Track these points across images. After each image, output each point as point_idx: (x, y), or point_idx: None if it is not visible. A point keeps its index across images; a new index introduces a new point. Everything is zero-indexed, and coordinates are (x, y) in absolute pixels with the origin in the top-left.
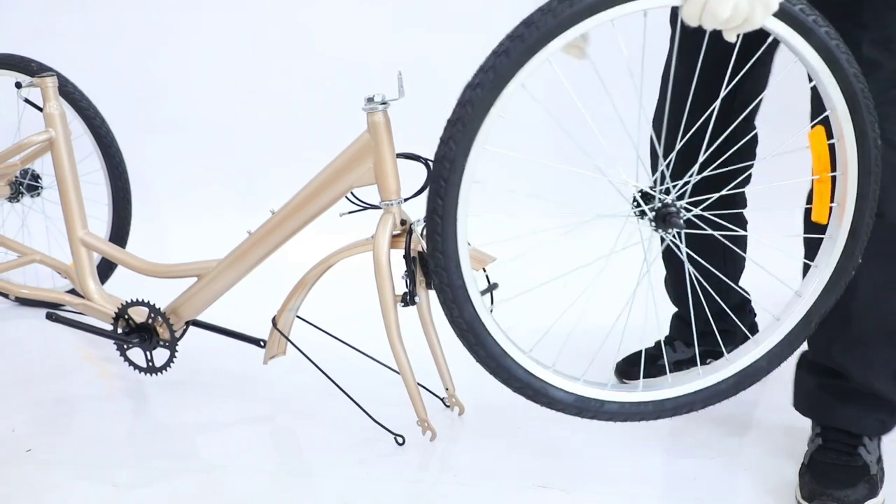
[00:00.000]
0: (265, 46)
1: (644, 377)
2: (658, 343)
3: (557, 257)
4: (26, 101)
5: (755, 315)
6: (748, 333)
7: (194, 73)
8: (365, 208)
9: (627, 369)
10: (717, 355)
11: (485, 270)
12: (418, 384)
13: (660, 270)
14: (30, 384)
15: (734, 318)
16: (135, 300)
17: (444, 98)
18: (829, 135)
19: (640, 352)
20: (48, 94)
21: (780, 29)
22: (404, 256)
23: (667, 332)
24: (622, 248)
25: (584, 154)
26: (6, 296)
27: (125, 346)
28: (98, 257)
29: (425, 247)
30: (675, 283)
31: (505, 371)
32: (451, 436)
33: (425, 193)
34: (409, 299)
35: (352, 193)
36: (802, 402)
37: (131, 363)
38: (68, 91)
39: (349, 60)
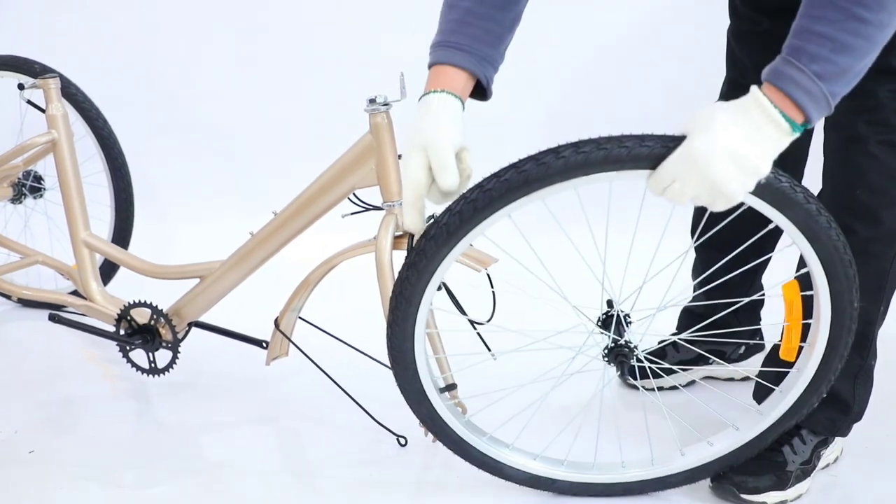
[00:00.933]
0: (268, 47)
1: (646, 377)
2: (660, 343)
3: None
4: (29, 102)
5: (760, 320)
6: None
7: (196, 75)
8: (367, 209)
9: (630, 369)
10: (719, 354)
11: (487, 273)
12: None
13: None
14: (32, 385)
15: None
16: (137, 301)
17: None
18: (805, 286)
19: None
20: (50, 95)
21: (758, 204)
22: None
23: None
24: (582, 366)
25: (548, 287)
26: (9, 297)
27: (128, 348)
28: (100, 258)
29: None
30: (702, 267)
31: (463, 451)
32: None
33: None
34: None
35: (354, 195)
36: (761, 392)
37: (134, 364)
38: (71, 92)
39: (351, 62)
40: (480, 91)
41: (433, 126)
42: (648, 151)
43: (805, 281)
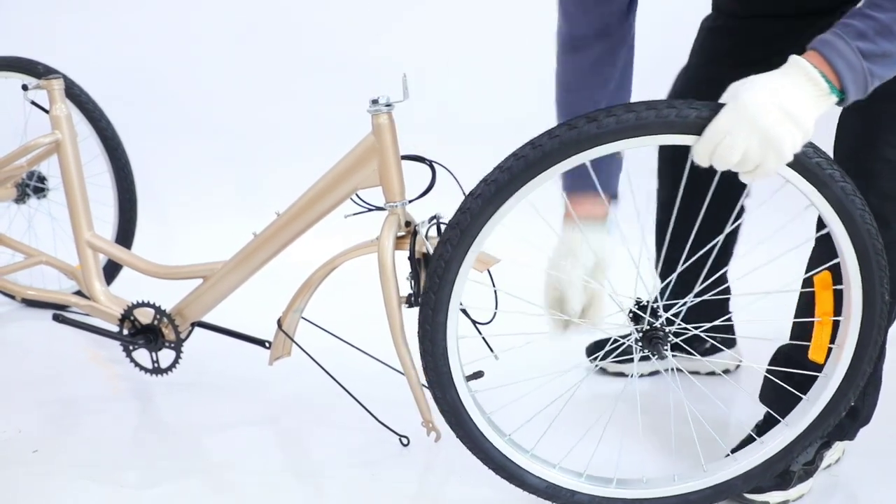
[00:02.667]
0: (270, 49)
1: (613, 361)
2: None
3: (549, 348)
4: (33, 103)
5: (729, 312)
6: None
7: (200, 76)
8: (370, 210)
9: (597, 351)
10: (684, 348)
11: (489, 272)
12: (422, 385)
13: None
14: (36, 385)
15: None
16: (140, 302)
17: (448, 101)
18: (836, 279)
19: (611, 338)
20: (54, 96)
21: (794, 178)
22: (409, 258)
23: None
24: (610, 358)
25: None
26: (13, 297)
27: (131, 348)
28: (104, 259)
29: (430, 249)
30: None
31: (482, 452)
32: (455, 436)
33: (430, 195)
34: (413, 300)
35: (357, 195)
36: (769, 395)
37: (137, 364)
38: (74, 93)
39: (354, 62)
40: None
41: None
42: (696, 114)
43: (836, 274)
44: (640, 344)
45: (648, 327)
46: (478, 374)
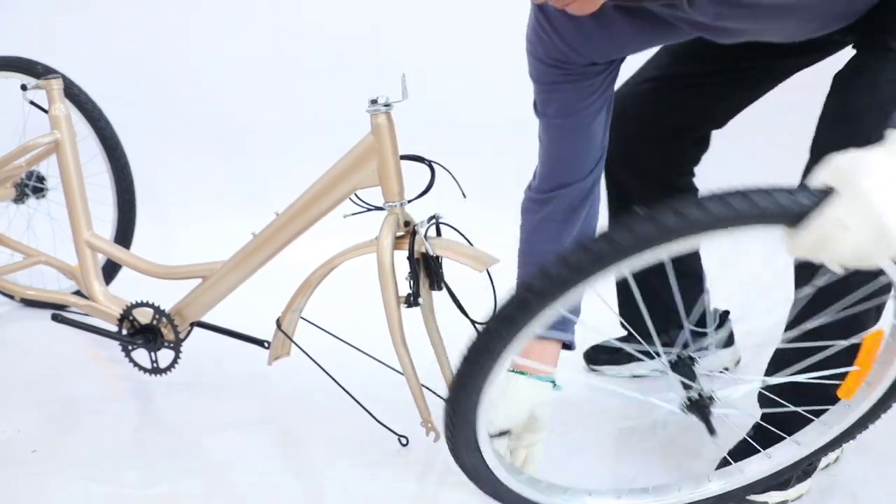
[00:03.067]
0: (270, 48)
1: (609, 364)
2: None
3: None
4: (32, 103)
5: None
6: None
7: (199, 76)
8: (369, 210)
9: (595, 356)
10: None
11: (488, 272)
12: (421, 385)
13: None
14: (35, 385)
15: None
16: (140, 301)
17: (448, 101)
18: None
19: (606, 342)
20: (53, 96)
21: (889, 269)
22: (408, 258)
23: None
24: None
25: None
26: (12, 297)
27: (130, 348)
28: (103, 258)
29: (429, 249)
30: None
31: (498, 494)
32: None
33: (429, 195)
34: (412, 300)
35: (356, 195)
36: (765, 400)
37: (136, 364)
38: (73, 93)
39: (353, 62)
40: None
41: None
42: (799, 205)
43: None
44: (686, 409)
45: (698, 396)
46: (504, 433)
